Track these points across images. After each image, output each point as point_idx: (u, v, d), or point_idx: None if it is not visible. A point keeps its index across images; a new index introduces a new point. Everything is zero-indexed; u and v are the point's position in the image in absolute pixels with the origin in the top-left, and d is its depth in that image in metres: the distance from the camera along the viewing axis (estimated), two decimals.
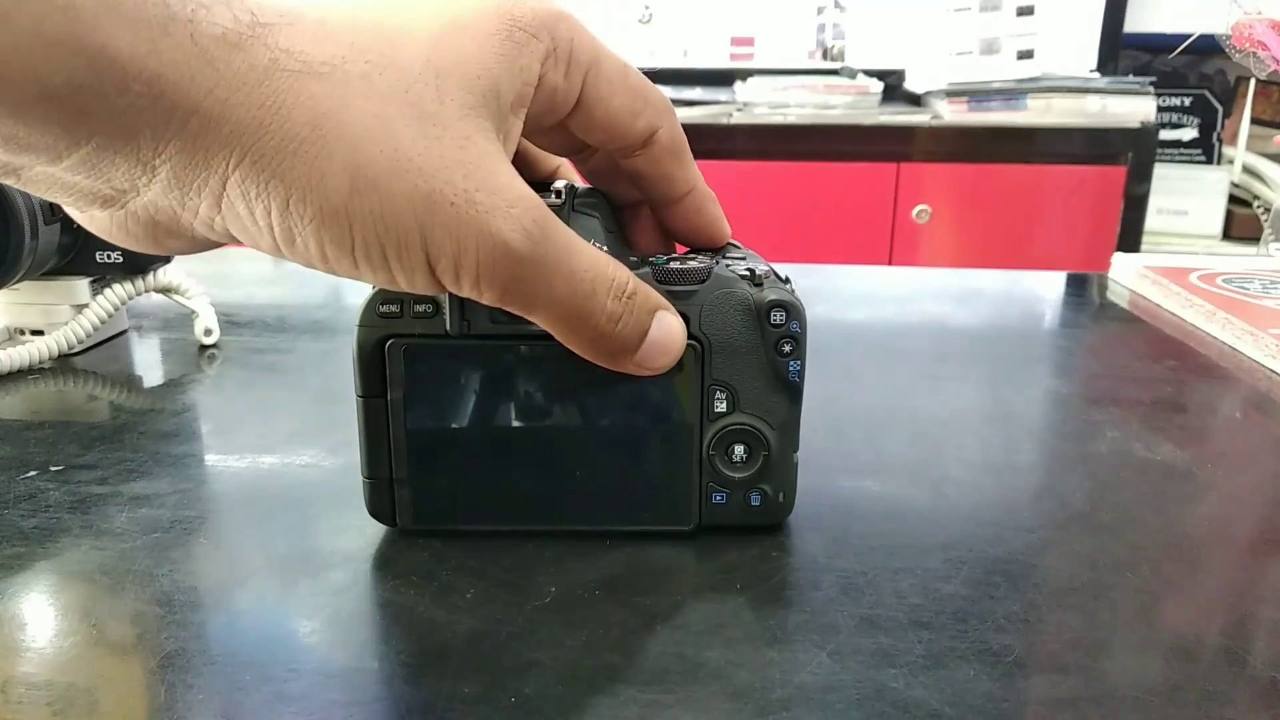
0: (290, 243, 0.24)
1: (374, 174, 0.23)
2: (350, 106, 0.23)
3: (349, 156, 0.23)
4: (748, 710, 0.24)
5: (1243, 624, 0.29)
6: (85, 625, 0.28)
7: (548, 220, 0.25)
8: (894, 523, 0.34)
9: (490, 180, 0.24)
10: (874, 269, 0.84)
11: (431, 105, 0.24)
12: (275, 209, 0.23)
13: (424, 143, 0.24)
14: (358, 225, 0.23)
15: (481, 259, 0.24)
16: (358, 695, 0.25)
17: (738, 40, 1.93)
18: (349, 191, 0.23)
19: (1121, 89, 1.63)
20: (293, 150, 0.23)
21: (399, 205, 0.23)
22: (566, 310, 0.26)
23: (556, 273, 0.26)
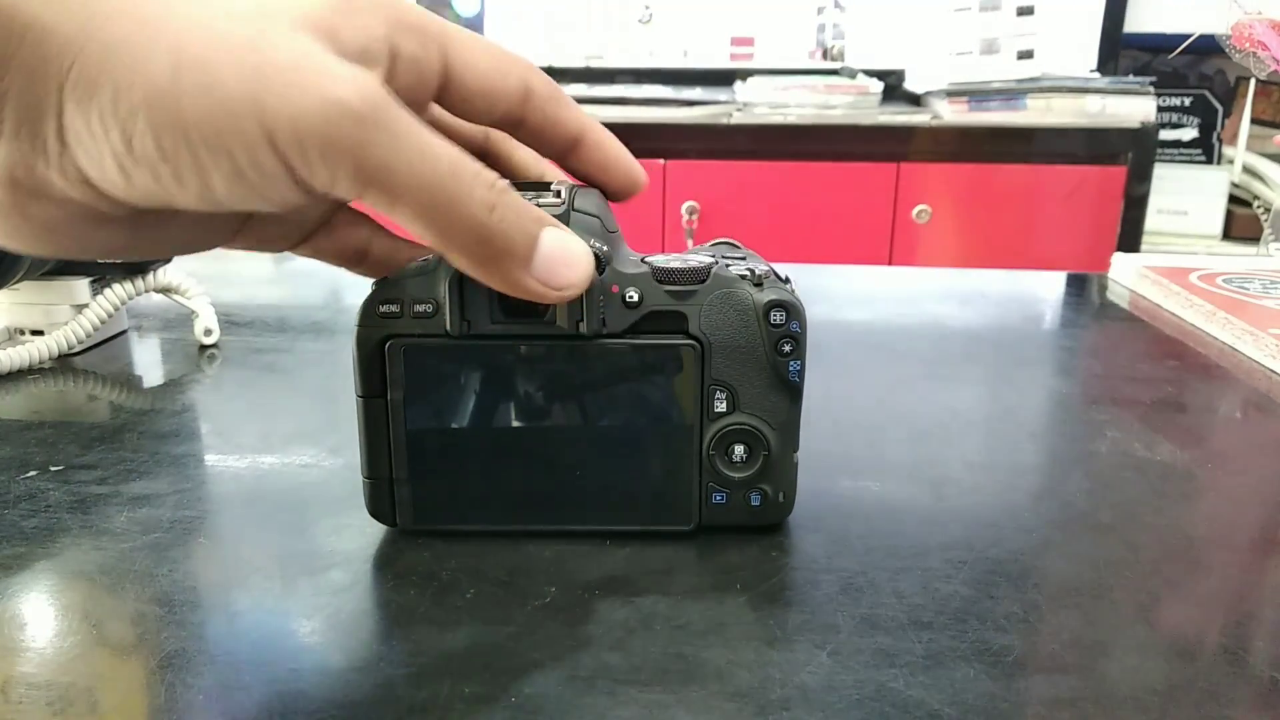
0: (129, 145, 0.23)
1: (197, 52, 0.22)
2: (175, 9, 0.23)
3: (172, 43, 0.22)
4: (748, 710, 0.24)
5: (1243, 624, 0.29)
6: (85, 625, 0.28)
7: (389, 93, 0.24)
8: (894, 523, 0.34)
9: (318, 56, 0.23)
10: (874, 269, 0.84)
11: (255, 19, 0.24)
12: (107, 107, 0.22)
13: (248, 30, 0.23)
14: (187, 102, 0.22)
15: (323, 118, 0.23)
16: (358, 695, 0.25)
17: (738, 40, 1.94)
18: (173, 68, 0.22)
19: (1121, 89, 1.63)
20: (117, 45, 0.22)
21: (227, 75, 0.22)
22: (431, 192, 0.24)
23: (406, 142, 0.24)
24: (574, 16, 1.94)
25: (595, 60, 1.95)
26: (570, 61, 1.95)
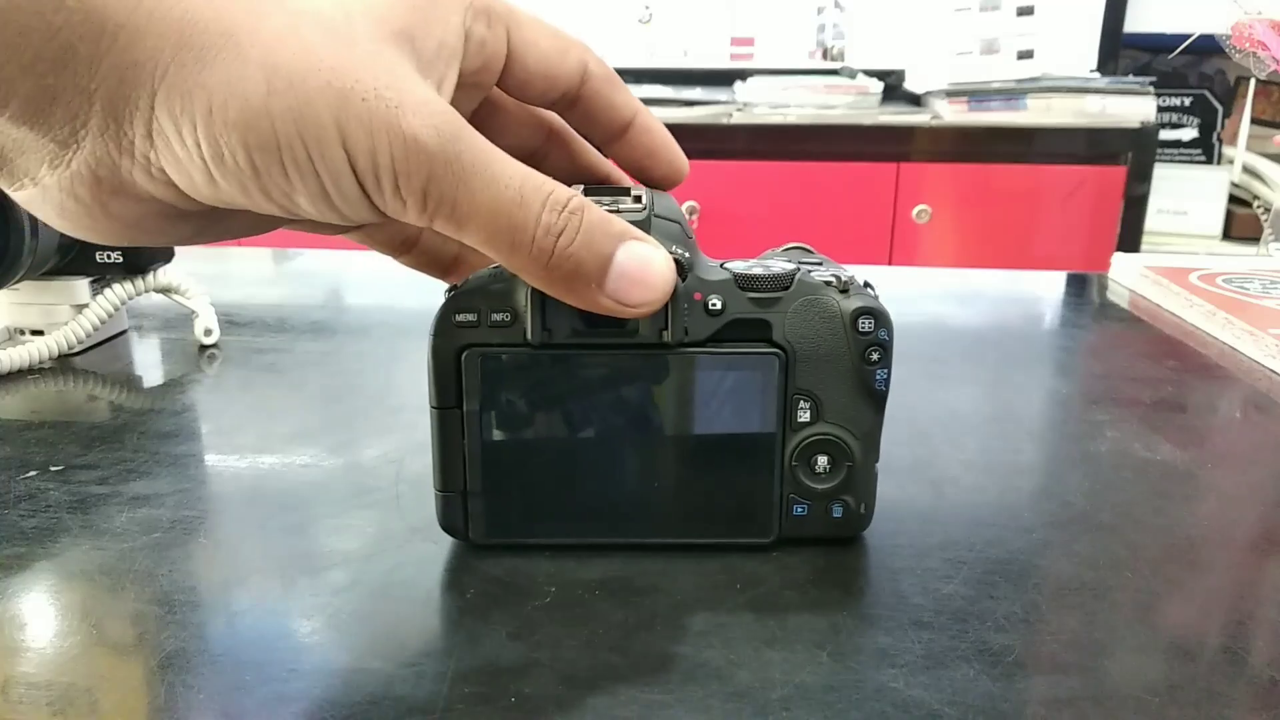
0: (220, 159, 0.23)
1: (289, 73, 0.23)
2: (264, 18, 0.24)
3: (264, 59, 0.23)
4: (748, 710, 0.24)
5: (1243, 624, 0.29)
6: (85, 625, 0.28)
7: (461, 124, 0.25)
8: (894, 523, 0.34)
9: (400, 83, 0.24)
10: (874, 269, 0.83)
11: (343, 28, 0.25)
12: (200, 120, 0.23)
13: (335, 48, 0.24)
14: (279, 123, 0.23)
15: (395, 154, 0.24)
16: (357, 695, 0.25)
17: (738, 40, 1.93)
18: (266, 91, 0.23)
19: (1121, 89, 1.63)
20: (211, 58, 0.23)
21: (315, 100, 0.23)
22: (495, 219, 0.25)
23: (475, 174, 0.25)
24: (574, 16, 1.94)
25: None
26: None
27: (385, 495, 0.36)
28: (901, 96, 1.82)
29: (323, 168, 0.24)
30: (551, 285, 0.27)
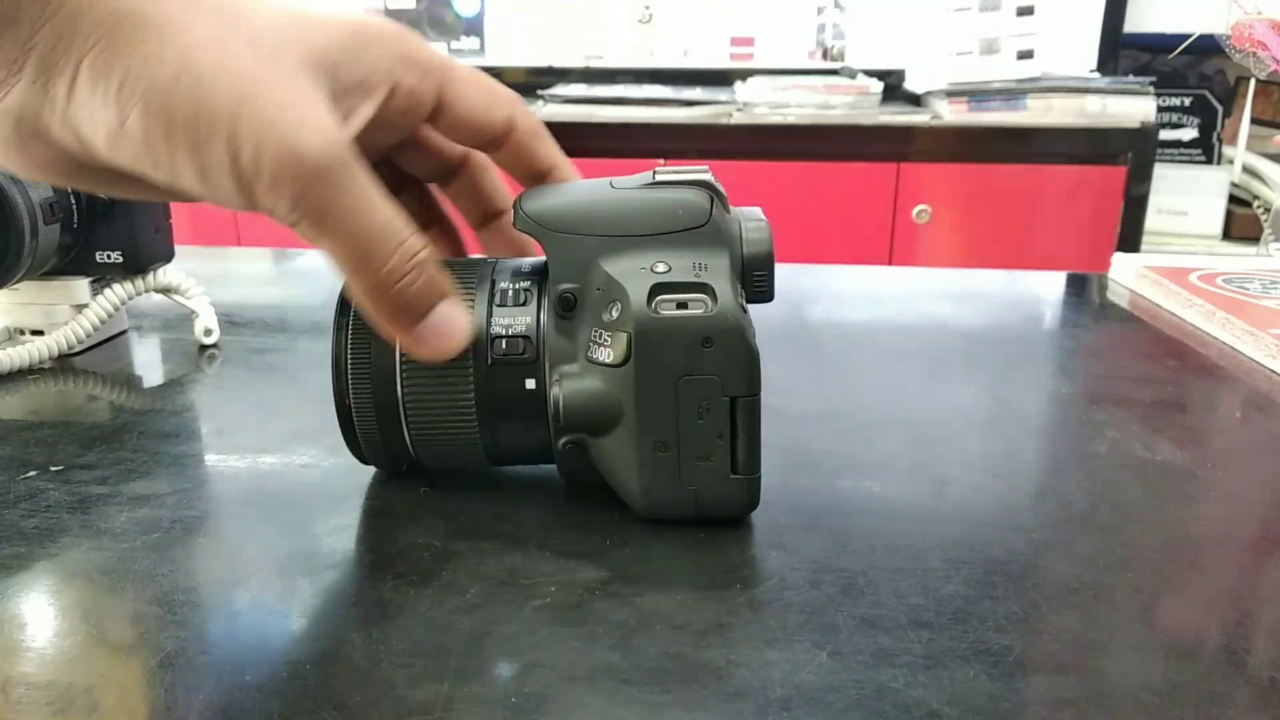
0: (121, 124, 0.26)
1: (201, 68, 0.26)
2: (197, 23, 0.26)
3: (183, 53, 0.26)
4: (748, 710, 0.24)
5: (1243, 624, 0.29)
6: (85, 625, 0.28)
7: (350, 154, 0.27)
8: (894, 523, 0.34)
9: (304, 105, 0.27)
10: (874, 269, 0.84)
11: (267, 46, 0.27)
12: (114, 89, 0.25)
13: (252, 61, 0.27)
14: (177, 106, 0.26)
15: (279, 160, 0.26)
16: (357, 695, 0.25)
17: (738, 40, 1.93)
18: (175, 75, 0.25)
19: (1121, 89, 1.63)
20: (139, 39, 0.25)
21: (217, 97, 0.26)
22: (355, 242, 0.28)
23: (350, 197, 0.27)
24: (574, 16, 1.94)
25: (595, 60, 1.95)
26: (570, 61, 1.95)
27: (386, 495, 0.36)
28: (901, 96, 1.82)
29: (206, 151, 0.26)
30: (376, 309, 0.30)
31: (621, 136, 1.66)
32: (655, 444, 0.32)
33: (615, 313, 0.31)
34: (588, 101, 1.72)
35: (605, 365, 0.31)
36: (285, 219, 0.27)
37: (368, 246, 0.28)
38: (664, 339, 0.31)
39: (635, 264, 0.32)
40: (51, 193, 0.47)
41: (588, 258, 0.32)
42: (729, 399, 0.31)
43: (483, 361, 0.32)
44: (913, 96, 1.78)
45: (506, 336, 0.32)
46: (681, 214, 0.32)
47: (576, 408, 0.32)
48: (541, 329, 0.33)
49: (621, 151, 1.64)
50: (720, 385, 0.31)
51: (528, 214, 0.32)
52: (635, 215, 0.32)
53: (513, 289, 0.33)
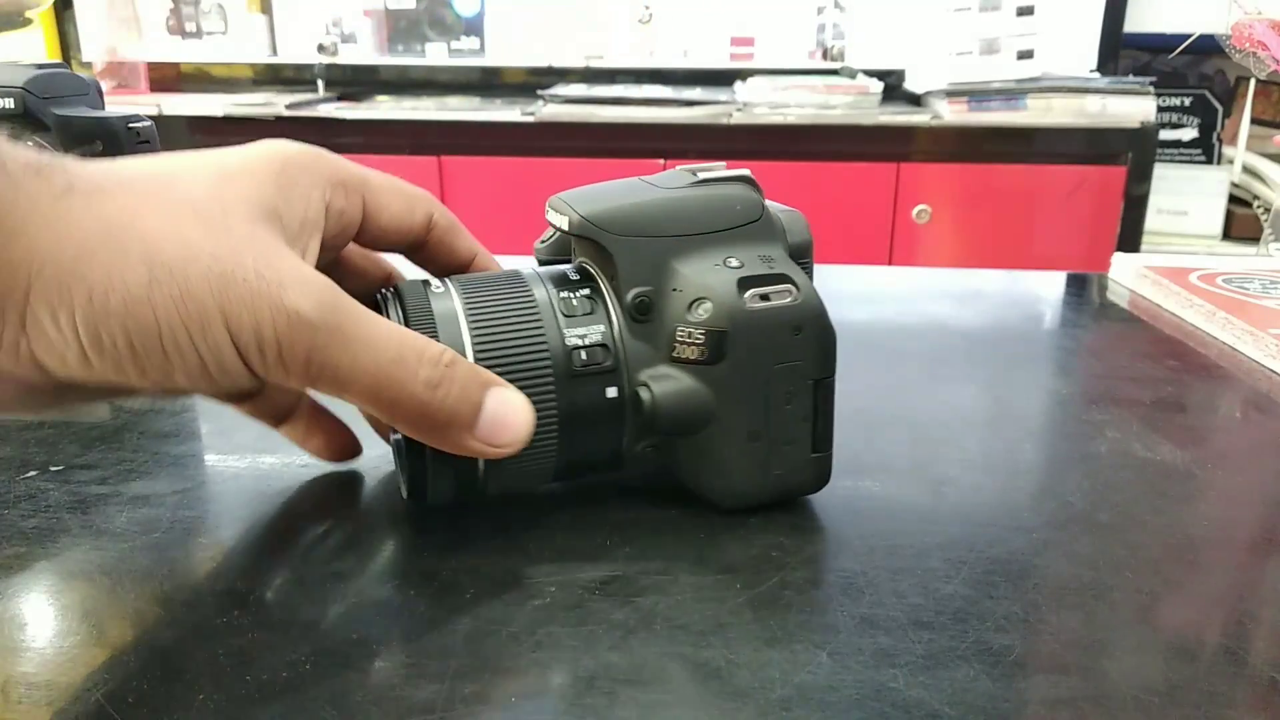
0: (98, 344, 0.24)
1: (169, 262, 0.25)
2: (142, 215, 0.25)
3: (144, 251, 0.24)
4: (748, 710, 0.24)
5: (1243, 624, 0.29)
6: (85, 625, 0.28)
7: (338, 293, 0.27)
8: (894, 523, 0.34)
9: (277, 261, 0.26)
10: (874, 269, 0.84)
11: (218, 219, 0.26)
12: (79, 311, 0.24)
13: (213, 237, 0.26)
14: (160, 310, 0.24)
15: (279, 330, 0.26)
16: (358, 695, 0.25)
17: (738, 40, 1.94)
18: (148, 281, 0.24)
19: (1121, 89, 1.63)
20: (90, 253, 0.24)
21: (197, 287, 0.25)
22: (376, 380, 0.27)
23: (356, 339, 0.27)
24: (574, 16, 1.94)
25: (595, 60, 1.95)
26: (570, 61, 1.95)
27: (385, 495, 0.36)
28: (901, 96, 1.82)
29: (204, 348, 0.25)
30: (429, 434, 0.29)
31: (621, 136, 1.67)
32: (748, 435, 0.32)
33: (704, 311, 0.31)
34: (588, 101, 1.72)
35: (696, 363, 0.32)
36: (301, 383, 0.27)
37: (391, 378, 0.27)
38: (758, 332, 0.31)
39: (708, 261, 0.32)
40: None
41: (658, 259, 0.32)
42: (812, 382, 0.32)
43: (563, 375, 0.31)
44: (913, 96, 1.78)
45: (585, 347, 0.31)
46: (740, 209, 0.33)
47: (671, 409, 0.32)
48: (618, 335, 0.32)
49: (621, 151, 1.65)
50: (806, 370, 0.32)
51: (590, 219, 0.32)
52: (699, 214, 0.33)
53: (574, 298, 0.32)
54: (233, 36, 2.01)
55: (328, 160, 0.31)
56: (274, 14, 2.01)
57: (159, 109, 1.74)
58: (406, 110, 1.75)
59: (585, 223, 0.32)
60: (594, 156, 1.66)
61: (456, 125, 1.71)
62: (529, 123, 1.67)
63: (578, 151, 1.67)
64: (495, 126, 1.69)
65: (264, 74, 2.08)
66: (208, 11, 2.00)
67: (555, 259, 0.36)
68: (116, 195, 0.25)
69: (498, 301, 0.31)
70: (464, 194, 1.67)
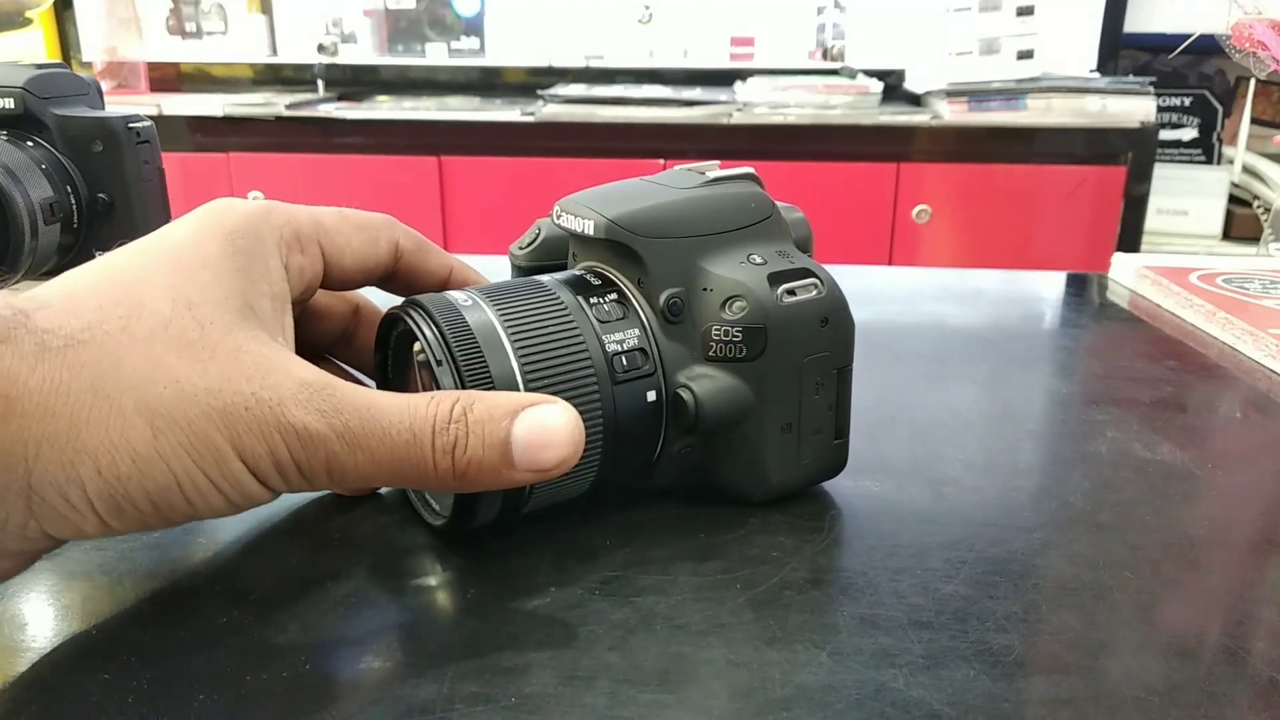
0: (117, 511, 0.24)
1: (168, 410, 0.24)
2: (122, 360, 0.24)
3: (139, 403, 0.24)
4: (748, 710, 0.24)
5: (1243, 624, 0.29)
6: (85, 625, 0.28)
7: (336, 393, 0.26)
8: (894, 523, 0.34)
9: (271, 378, 0.25)
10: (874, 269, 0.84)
11: (194, 333, 0.25)
12: (89, 484, 0.23)
13: (199, 366, 0.25)
14: (174, 463, 0.24)
15: (293, 451, 0.25)
16: (358, 695, 0.25)
17: (738, 40, 1.94)
18: (152, 435, 0.24)
19: (1121, 89, 1.63)
20: (84, 420, 0.23)
21: (201, 430, 0.24)
22: (397, 466, 0.26)
23: (367, 435, 0.26)
24: (574, 16, 1.94)
25: (595, 60, 1.95)
26: (570, 61, 1.95)
27: (385, 495, 0.36)
28: (901, 96, 1.82)
29: (225, 485, 0.25)
30: (466, 488, 0.28)
31: (621, 136, 1.67)
32: (782, 427, 0.33)
33: (739, 309, 0.31)
34: (588, 101, 1.72)
35: (735, 360, 0.32)
36: (327, 486, 0.27)
37: (410, 453, 0.26)
38: (791, 326, 0.32)
39: (733, 259, 0.32)
40: (51, 193, 0.47)
41: (686, 260, 0.32)
42: (836, 370, 0.33)
43: (606, 383, 0.31)
44: (913, 96, 1.78)
45: (625, 352, 0.31)
46: (754, 207, 0.34)
47: (715, 408, 0.32)
48: (652, 338, 0.32)
49: (621, 151, 1.65)
50: (831, 359, 0.33)
51: (618, 222, 0.32)
52: (719, 213, 0.33)
53: (604, 304, 0.32)
54: (233, 36, 2.01)
55: (275, 217, 0.29)
56: (274, 14, 2.01)
57: (159, 109, 1.74)
58: (406, 110, 1.75)
59: (614, 226, 0.32)
60: (594, 156, 1.66)
61: (456, 125, 1.71)
62: (529, 123, 1.67)
63: (578, 151, 1.67)
64: (495, 126, 1.69)
65: (264, 74, 2.08)
66: (208, 11, 2.00)
67: (541, 265, 0.36)
68: (89, 342, 0.24)
69: (532, 311, 0.31)
70: (464, 194, 1.67)
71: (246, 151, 1.70)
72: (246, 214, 0.29)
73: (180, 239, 0.28)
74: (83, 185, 0.49)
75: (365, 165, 1.66)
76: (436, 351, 0.29)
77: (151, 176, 0.51)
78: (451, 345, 0.29)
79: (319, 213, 0.31)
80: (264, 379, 0.25)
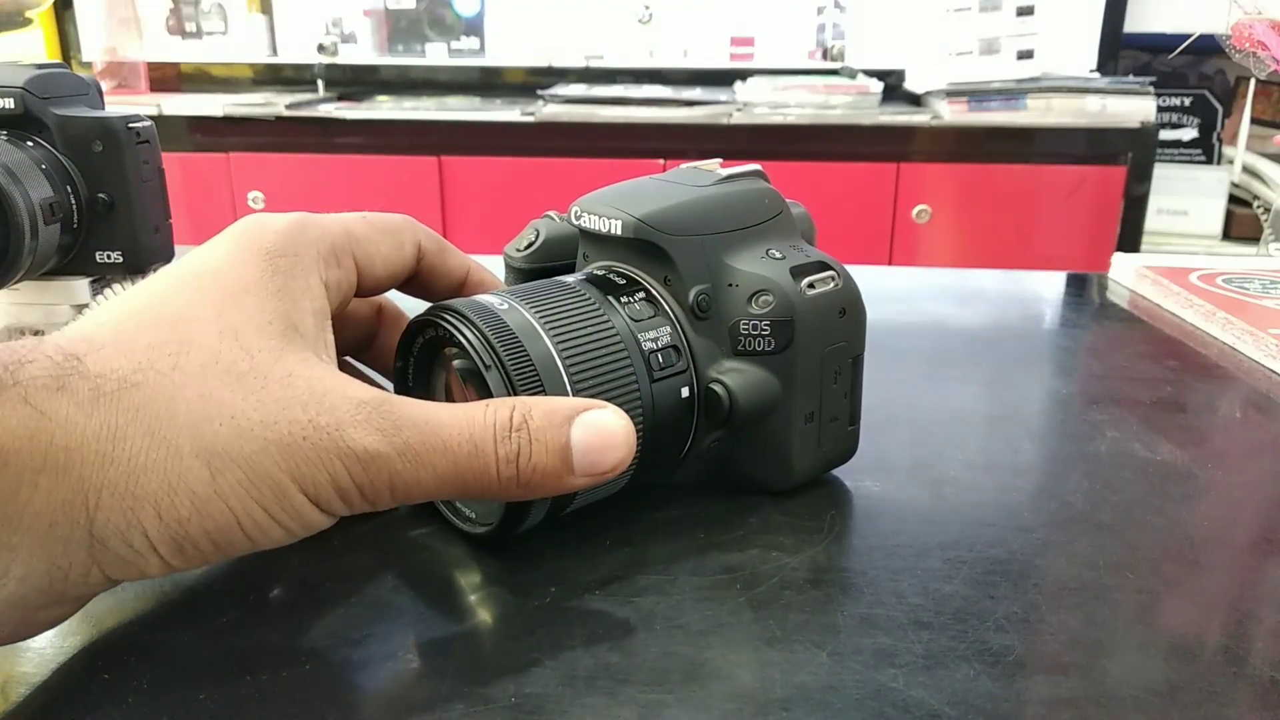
0: (180, 552, 0.24)
1: (224, 449, 0.24)
2: (176, 399, 0.24)
3: (195, 443, 0.23)
4: (748, 710, 0.24)
5: (1243, 624, 0.29)
6: (86, 625, 0.28)
7: (394, 410, 0.26)
8: (894, 522, 0.34)
9: (326, 401, 0.25)
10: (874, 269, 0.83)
11: (244, 364, 0.25)
12: (150, 529, 0.23)
13: (253, 398, 0.24)
14: (234, 501, 0.24)
15: (354, 475, 0.25)
16: (358, 696, 0.25)
17: (738, 40, 1.93)
18: (209, 476, 0.24)
19: (1121, 89, 1.63)
20: (142, 465, 0.23)
21: (259, 465, 0.24)
22: (461, 479, 0.26)
23: (429, 450, 0.26)
24: (574, 16, 1.94)
25: (595, 60, 1.95)
26: (570, 61, 1.95)
27: None
28: (901, 96, 1.82)
29: (285, 517, 0.25)
30: (527, 496, 0.28)
31: (621, 136, 1.66)
32: (805, 416, 0.33)
33: (767, 303, 0.32)
34: (588, 101, 1.72)
35: (763, 354, 0.32)
36: (392, 504, 0.26)
37: (473, 471, 0.26)
38: (815, 317, 0.33)
39: (754, 255, 0.33)
40: (51, 193, 0.47)
41: (711, 256, 0.33)
42: (852, 359, 0.34)
43: (645, 381, 0.31)
44: (913, 96, 1.78)
45: (659, 350, 0.31)
46: (768, 203, 0.34)
47: (748, 401, 0.32)
48: (683, 335, 0.32)
49: (621, 151, 1.65)
50: (848, 348, 0.34)
51: (647, 222, 0.32)
52: (738, 210, 0.34)
53: (634, 303, 0.32)
54: (233, 36, 2.01)
55: (311, 231, 0.29)
56: (274, 14, 2.01)
57: (159, 109, 1.74)
58: (406, 110, 1.75)
59: (643, 225, 0.32)
60: (594, 156, 1.66)
61: (456, 125, 1.71)
62: (529, 123, 1.67)
63: (578, 151, 1.67)
64: (495, 126, 1.69)
65: (264, 74, 2.08)
66: (208, 11, 2.00)
67: (542, 268, 0.36)
68: (143, 384, 0.24)
69: (570, 312, 0.31)
70: (464, 194, 1.67)
71: (246, 151, 1.70)
72: (282, 232, 0.28)
73: (219, 264, 0.27)
74: (83, 185, 0.49)
75: (365, 165, 1.66)
76: (484, 356, 0.29)
77: (151, 176, 0.51)
78: (498, 349, 0.29)
79: (349, 222, 0.31)
80: (319, 404, 0.25)
